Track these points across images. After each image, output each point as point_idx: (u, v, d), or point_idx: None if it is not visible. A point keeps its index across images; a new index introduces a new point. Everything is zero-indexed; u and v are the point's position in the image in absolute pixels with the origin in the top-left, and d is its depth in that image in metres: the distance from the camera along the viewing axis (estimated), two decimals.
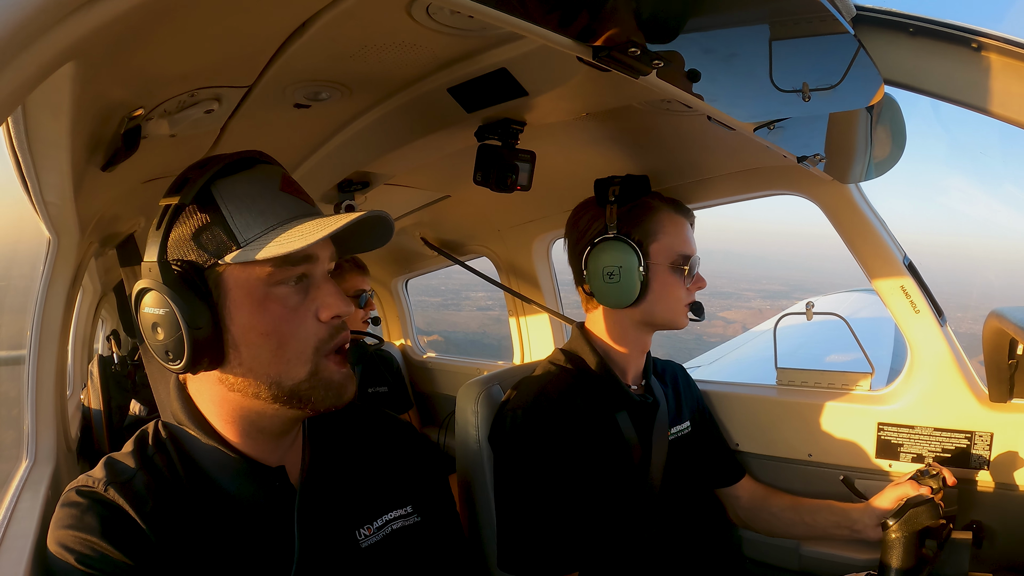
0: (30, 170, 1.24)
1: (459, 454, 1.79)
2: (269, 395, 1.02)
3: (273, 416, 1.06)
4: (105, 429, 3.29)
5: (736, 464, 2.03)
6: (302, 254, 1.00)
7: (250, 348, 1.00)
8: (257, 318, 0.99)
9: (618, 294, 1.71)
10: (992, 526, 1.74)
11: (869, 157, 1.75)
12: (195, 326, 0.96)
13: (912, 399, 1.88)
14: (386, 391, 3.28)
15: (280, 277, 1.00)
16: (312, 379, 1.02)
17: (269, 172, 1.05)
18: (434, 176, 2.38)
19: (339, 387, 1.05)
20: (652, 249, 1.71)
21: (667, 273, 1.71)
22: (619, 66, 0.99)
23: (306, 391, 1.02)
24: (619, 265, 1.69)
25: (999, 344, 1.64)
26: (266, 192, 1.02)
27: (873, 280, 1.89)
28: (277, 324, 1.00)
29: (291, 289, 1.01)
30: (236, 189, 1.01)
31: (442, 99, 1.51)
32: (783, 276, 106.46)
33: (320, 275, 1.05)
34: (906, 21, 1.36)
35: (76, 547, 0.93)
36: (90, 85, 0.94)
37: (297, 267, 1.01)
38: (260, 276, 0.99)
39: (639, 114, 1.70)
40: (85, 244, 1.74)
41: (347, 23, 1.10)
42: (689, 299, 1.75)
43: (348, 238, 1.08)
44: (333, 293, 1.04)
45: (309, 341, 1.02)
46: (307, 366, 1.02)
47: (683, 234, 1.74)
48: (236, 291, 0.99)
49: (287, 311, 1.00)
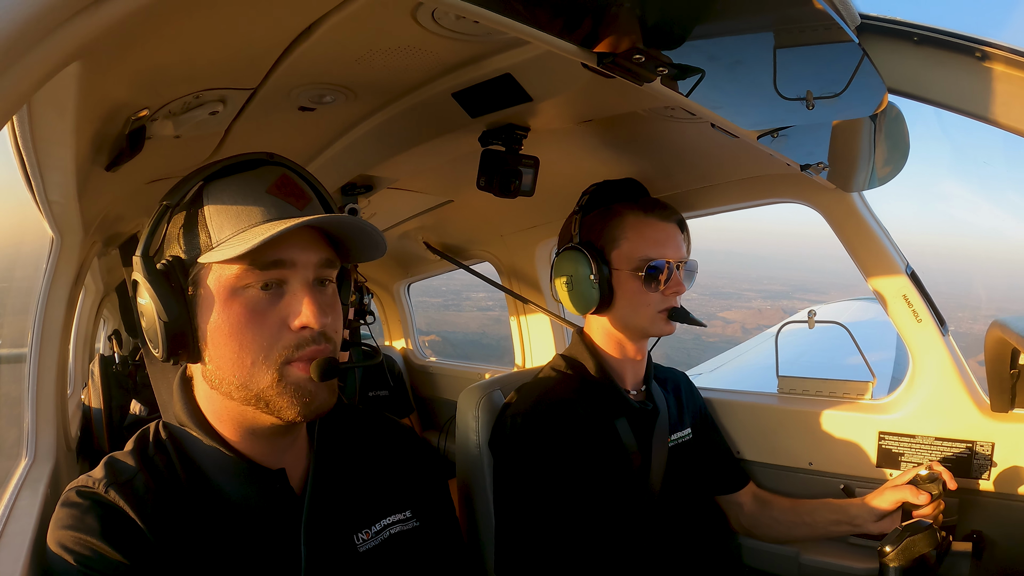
0: (34, 169, 1.24)
1: (459, 459, 1.79)
2: (240, 397, 1.02)
3: (255, 419, 1.05)
4: (105, 428, 3.29)
5: (739, 471, 2.03)
6: (272, 258, 0.98)
7: (217, 348, 1.01)
8: (222, 318, 0.99)
9: (576, 301, 1.75)
10: (993, 536, 1.73)
11: (872, 166, 1.75)
12: (167, 319, 0.99)
13: (913, 408, 1.87)
14: (387, 395, 3.27)
15: (248, 280, 0.99)
16: (277, 387, 1.00)
17: (264, 173, 1.04)
18: (437, 180, 2.38)
19: (307, 395, 1.00)
20: (614, 256, 1.71)
21: (630, 279, 1.70)
22: (623, 72, 0.99)
23: (271, 398, 1.00)
24: (571, 273, 1.72)
25: (1001, 354, 1.63)
26: (250, 194, 1.01)
27: (875, 288, 1.89)
28: (239, 327, 0.99)
29: (260, 294, 0.99)
30: (223, 192, 1.02)
31: (446, 104, 1.51)
32: (784, 277, 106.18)
33: (299, 282, 1.01)
34: (911, 30, 1.36)
35: (75, 548, 0.93)
36: (95, 85, 0.94)
37: (267, 272, 0.99)
38: (230, 278, 0.99)
39: (643, 121, 1.70)
40: (88, 243, 1.75)
41: (352, 27, 1.10)
42: (664, 304, 1.71)
43: (346, 243, 1.07)
44: (307, 303, 0.99)
45: (273, 347, 0.99)
46: (271, 373, 0.99)
47: (650, 238, 1.71)
48: (208, 290, 1.00)
49: (251, 315, 0.99)
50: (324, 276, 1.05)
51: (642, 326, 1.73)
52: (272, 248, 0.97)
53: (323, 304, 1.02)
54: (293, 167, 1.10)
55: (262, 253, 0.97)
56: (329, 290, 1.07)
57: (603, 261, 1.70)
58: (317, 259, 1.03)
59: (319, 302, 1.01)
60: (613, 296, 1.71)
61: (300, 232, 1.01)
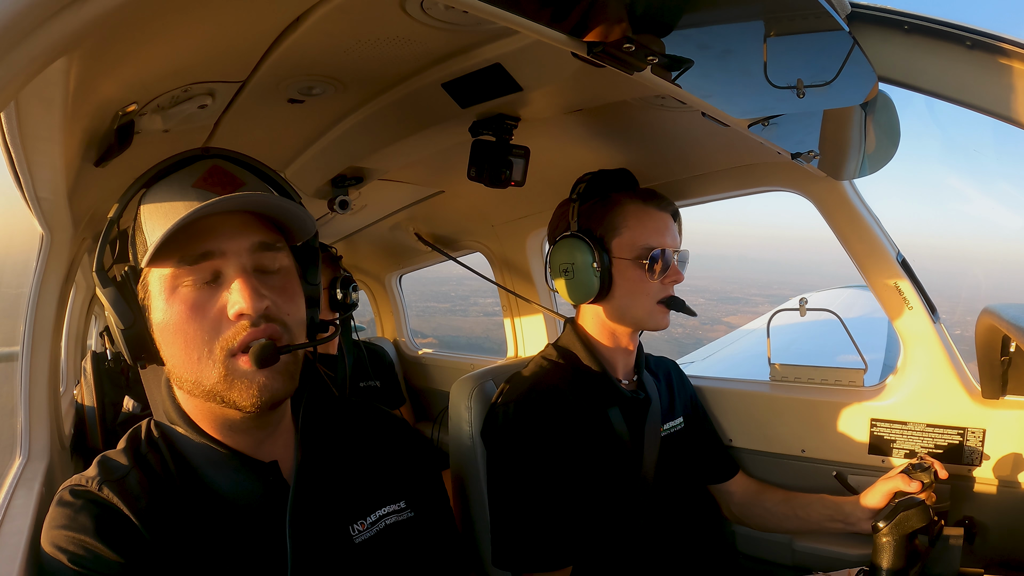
0: (23, 166, 1.23)
1: (452, 449, 1.79)
2: (199, 393, 1.02)
3: (223, 413, 1.05)
4: (99, 425, 3.27)
5: (730, 460, 2.04)
6: (199, 251, 0.98)
7: (168, 347, 1.01)
8: (166, 318, 0.99)
9: (575, 290, 1.73)
10: (984, 522, 1.75)
11: (863, 154, 1.75)
12: (123, 327, 1.02)
13: (905, 395, 1.89)
14: (378, 386, 3.27)
15: (182, 277, 0.99)
16: (225, 381, 0.99)
17: (196, 168, 1.04)
18: (428, 171, 2.37)
19: (257, 385, 0.99)
20: (614, 244, 1.71)
21: (631, 267, 1.70)
22: (613, 62, 0.99)
23: (223, 391, 0.99)
24: (571, 262, 1.71)
25: (992, 341, 1.65)
26: (177, 192, 1.01)
27: (867, 276, 1.90)
28: (181, 324, 0.99)
29: (197, 288, 0.99)
30: (155, 194, 1.03)
31: (436, 94, 1.50)
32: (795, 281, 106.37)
33: (233, 270, 0.99)
34: (901, 19, 1.36)
35: (69, 547, 0.93)
36: (83, 80, 0.94)
37: (197, 265, 0.98)
38: (167, 276, 0.99)
39: (633, 110, 1.70)
40: (78, 240, 1.74)
41: (341, 18, 1.10)
42: (662, 294, 1.72)
43: (285, 223, 1.07)
44: (239, 290, 0.97)
45: (214, 340, 0.98)
46: (217, 367, 0.98)
47: (651, 227, 1.72)
48: (153, 292, 1.01)
49: (190, 310, 0.98)
50: (265, 260, 1.03)
51: (639, 316, 1.74)
52: (200, 240, 0.98)
53: (264, 288, 1.01)
54: (229, 156, 1.09)
55: (190, 247, 0.98)
56: (278, 274, 1.05)
57: (603, 249, 1.69)
58: (249, 244, 1.01)
59: (255, 286, 0.99)
60: (612, 285, 1.70)
61: (229, 220, 1.01)
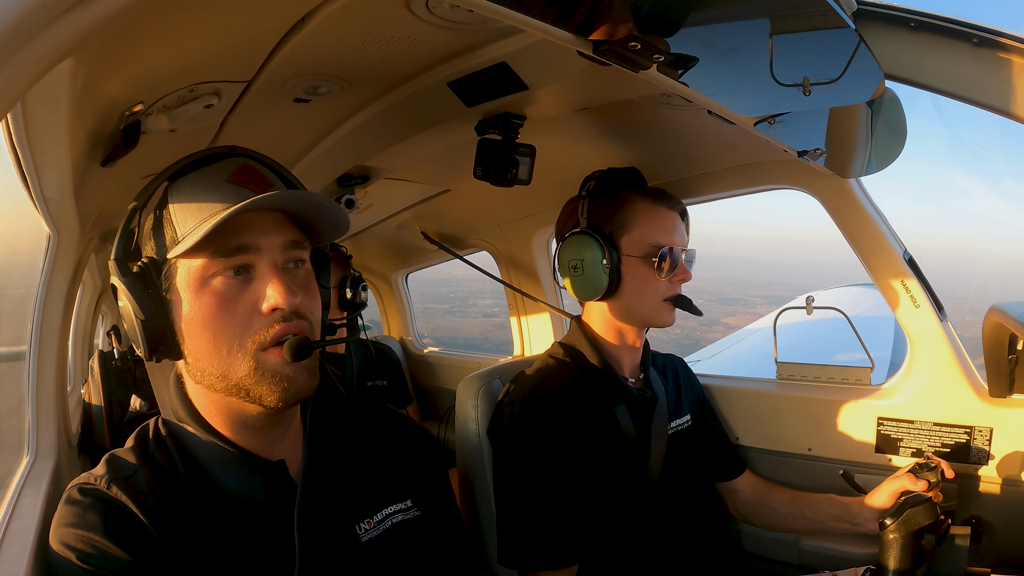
0: (30, 166, 1.24)
1: (459, 448, 1.80)
2: (222, 387, 1.02)
3: (242, 409, 1.05)
4: (106, 424, 3.28)
5: (736, 458, 2.04)
6: (235, 244, 0.99)
7: (193, 340, 1.01)
8: (194, 310, 1.00)
9: (584, 287, 1.73)
10: (991, 521, 1.74)
11: (869, 152, 1.74)
12: (144, 318, 1.00)
13: (912, 394, 1.88)
14: (385, 385, 3.27)
15: (215, 268, 0.99)
16: (254, 375, 1.00)
17: (226, 165, 1.05)
18: (434, 170, 2.38)
19: (286, 380, 1.00)
20: (623, 242, 1.70)
21: (640, 265, 1.70)
22: (619, 60, 0.99)
23: (250, 386, 1.00)
24: (581, 258, 1.71)
25: (999, 339, 1.64)
26: (210, 186, 1.02)
27: (873, 274, 1.89)
28: (211, 316, 0.99)
29: (229, 281, 1.00)
30: (185, 187, 1.03)
31: (442, 93, 1.50)
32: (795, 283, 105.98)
33: (266, 265, 1.01)
34: (907, 16, 1.35)
35: (78, 545, 0.94)
36: (89, 81, 0.94)
37: (232, 258, 0.99)
38: (198, 268, 0.99)
39: (639, 108, 1.70)
40: (85, 240, 1.74)
41: (347, 17, 1.10)
42: (670, 292, 1.72)
43: (312, 223, 1.08)
44: (274, 284, 0.99)
45: (245, 333, 0.99)
46: (247, 360, 0.99)
47: (660, 225, 1.72)
48: (179, 284, 1.01)
49: (221, 303, 0.99)
50: (293, 258, 1.05)
51: (646, 313, 1.73)
52: (235, 234, 0.99)
53: (293, 285, 1.02)
54: (255, 156, 1.10)
55: (226, 239, 0.98)
56: (302, 272, 1.07)
57: (612, 246, 1.69)
58: (282, 241, 1.03)
59: (288, 283, 1.01)
60: (620, 282, 1.70)
61: (263, 216, 1.02)
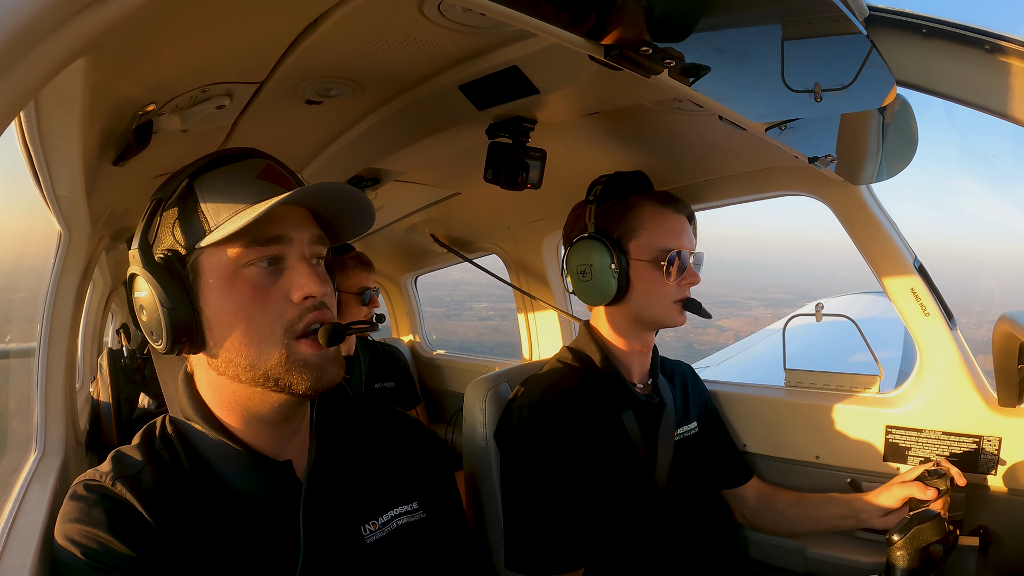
0: (42, 165, 1.24)
1: (466, 451, 1.79)
2: (248, 377, 1.03)
3: (263, 401, 1.06)
4: (114, 422, 3.30)
5: (744, 465, 2.03)
6: (271, 234, 1.01)
7: (222, 329, 1.02)
8: (226, 299, 1.01)
9: (592, 292, 1.74)
10: (1000, 532, 1.73)
11: (881, 159, 1.74)
12: (171, 307, 1.00)
13: (921, 402, 1.87)
14: (393, 387, 3.28)
15: (249, 258, 1.01)
16: (286, 362, 1.01)
17: (252, 164, 1.07)
18: (445, 173, 2.38)
19: (316, 370, 1.03)
20: (632, 246, 1.71)
21: (649, 269, 1.70)
22: (630, 65, 0.99)
23: (281, 374, 1.01)
24: (589, 263, 1.71)
25: (1009, 348, 1.63)
26: (241, 181, 1.03)
27: (883, 282, 1.88)
28: (244, 305, 1.00)
29: (262, 271, 1.02)
30: (214, 181, 1.04)
31: (453, 96, 1.50)
32: (791, 285, 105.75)
33: (295, 257, 1.04)
34: (919, 22, 1.35)
35: (82, 541, 0.94)
36: (102, 80, 0.95)
37: (266, 247, 1.01)
38: (231, 258, 1.01)
39: (650, 113, 1.69)
40: (96, 238, 1.75)
41: (359, 20, 1.10)
42: (679, 295, 1.73)
43: (333, 222, 1.11)
44: (306, 274, 1.02)
45: (278, 322, 1.01)
46: (278, 348, 1.01)
47: (668, 229, 1.72)
48: (209, 274, 1.02)
49: (255, 292, 1.01)
50: (317, 253, 1.08)
51: (656, 317, 1.74)
52: (270, 225, 1.01)
53: (320, 275, 1.06)
54: (274, 160, 1.13)
55: (261, 230, 1.00)
56: (321, 268, 1.10)
57: (621, 251, 1.70)
58: (310, 235, 1.06)
59: (319, 273, 1.05)
60: (629, 286, 1.71)
61: (294, 211, 1.05)
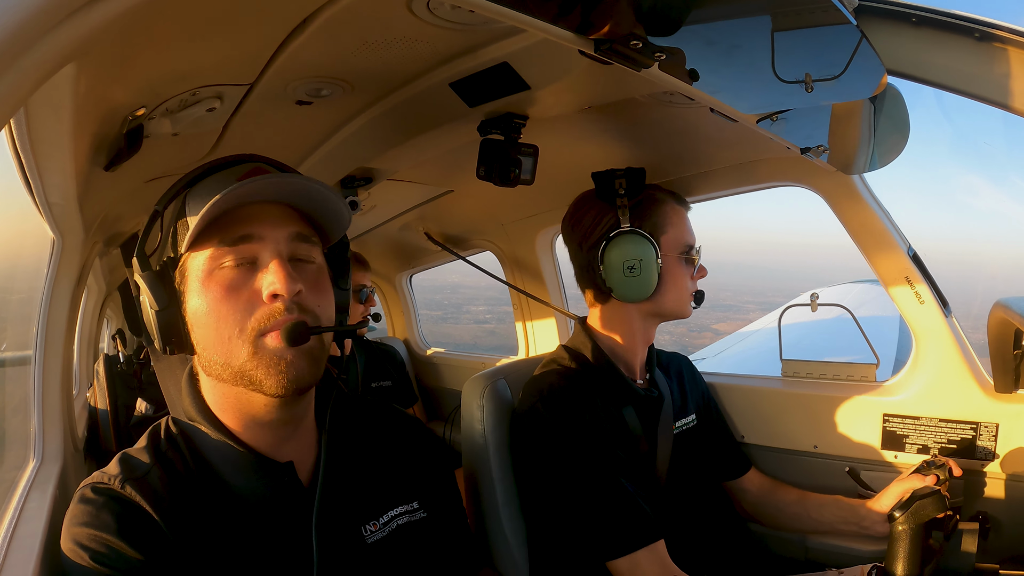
0: (33, 172, 1.24)
1: (465, 448, 1.79)
2: (228, 376, 1.03)
3: (250, 401, 1.06)
4: (112, 428, 3.30)
5: (742, 456, 2.03)
6: (239, 234, 1.01)
7: (199, 329, 1.03)
8: (201, 299, 1.02)
9: (638, 287, 1.72)
10: (999, 517, 1.74)
11: (872, 148, 1.74)
12: (158, 308, 1.03)
13: (917, 390, 1.87)
14: (390, 385, 3.28)
15: (221, 258, 1.01)
16: (253, 359, 1.00)
17: (239, 168, 1.08)
18: (437, 171, 2.38)
19: (283, 365, 1.00)
20: (662, 241, 1.73)
21: (676, 264, 1.75)
22: (621, 59, 0.99)
23: (250, 371, 1.01)
24: (639, 258, 1.70)
25: (1004, 334, 1.63)
26: (223, 184, 1.02)
27: (877, 271, 1.89)
28: (215, 304, 1.01)
29: (234, 270, 1.02)
30: (201, 188, 1.06)
31: (444, 94, 1.50)
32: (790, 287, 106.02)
33: (269, 255, 1.02)
34: (909, 11, 1.35)
35: (91, 545, 0.94)
36: (92, 85, 0.94)
37: (236, 247, 1.01)
38: (205, 259, 1.02)
39: (641, 107, 1.69)
40: (89, 244, 1.75)
41: (348, 19, 1.10)
42: (694, 288, 1.80)
43: (317, 219, 1.10)
44: (275, 271, 1.00)
45: (246, 320, 1.00)
46: (247, 346, 1.00)
47: (686, 225, 1.78)
48: (190, 276, 1.03)
49: (226, 291, 1.01)
50: (301, 251, 1.06)
51: (677, 309, 1.78)
52: (239, 224, 1.01)
53: (297, 276, 1.02)
54: (271, 162, 1.13)
55: (230, 230, 1.01)
56: (312, 268, 1.08)
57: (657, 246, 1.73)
58: (287, 232, 1.05)
59: (289, 271, 1.01)
60: (660, 281, 1.73)
61: (269, 209, 1.04)
